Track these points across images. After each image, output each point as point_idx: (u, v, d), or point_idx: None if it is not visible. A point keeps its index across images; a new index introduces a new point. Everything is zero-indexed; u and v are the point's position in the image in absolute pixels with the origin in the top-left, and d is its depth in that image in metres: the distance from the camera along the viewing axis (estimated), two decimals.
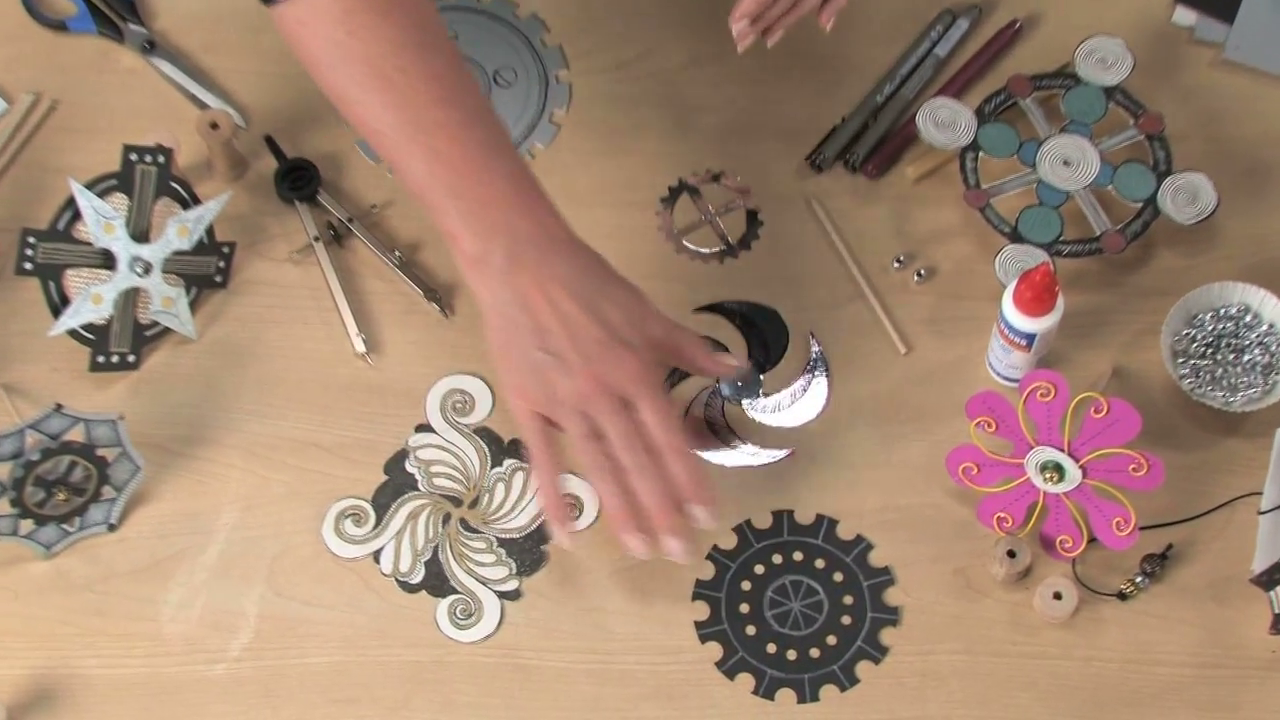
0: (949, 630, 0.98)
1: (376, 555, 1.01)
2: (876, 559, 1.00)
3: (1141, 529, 0.97)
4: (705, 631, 0.98)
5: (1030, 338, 1.00)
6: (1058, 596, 0.96)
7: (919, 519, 1.01)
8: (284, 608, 0.99)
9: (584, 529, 1.01)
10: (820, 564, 1.00)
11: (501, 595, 1.00)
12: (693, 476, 0.95)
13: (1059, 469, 0.97)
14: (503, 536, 1.02)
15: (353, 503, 1.02)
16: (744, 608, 0.99)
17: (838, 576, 0.99)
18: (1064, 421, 0.97)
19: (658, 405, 0.96)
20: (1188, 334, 1.04)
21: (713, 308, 1.08)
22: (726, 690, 0.97)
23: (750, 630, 0.98)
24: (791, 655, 0.98)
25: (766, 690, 0.97)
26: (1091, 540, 0.98)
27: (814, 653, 0.98)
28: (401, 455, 1.03)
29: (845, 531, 1.01)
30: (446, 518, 1.02)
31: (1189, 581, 0.99)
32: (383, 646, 0.98)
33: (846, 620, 0.98)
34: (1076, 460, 0.97)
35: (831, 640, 0.98)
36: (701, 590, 1.00)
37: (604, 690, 0.97)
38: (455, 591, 1.00)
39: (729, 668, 0.97)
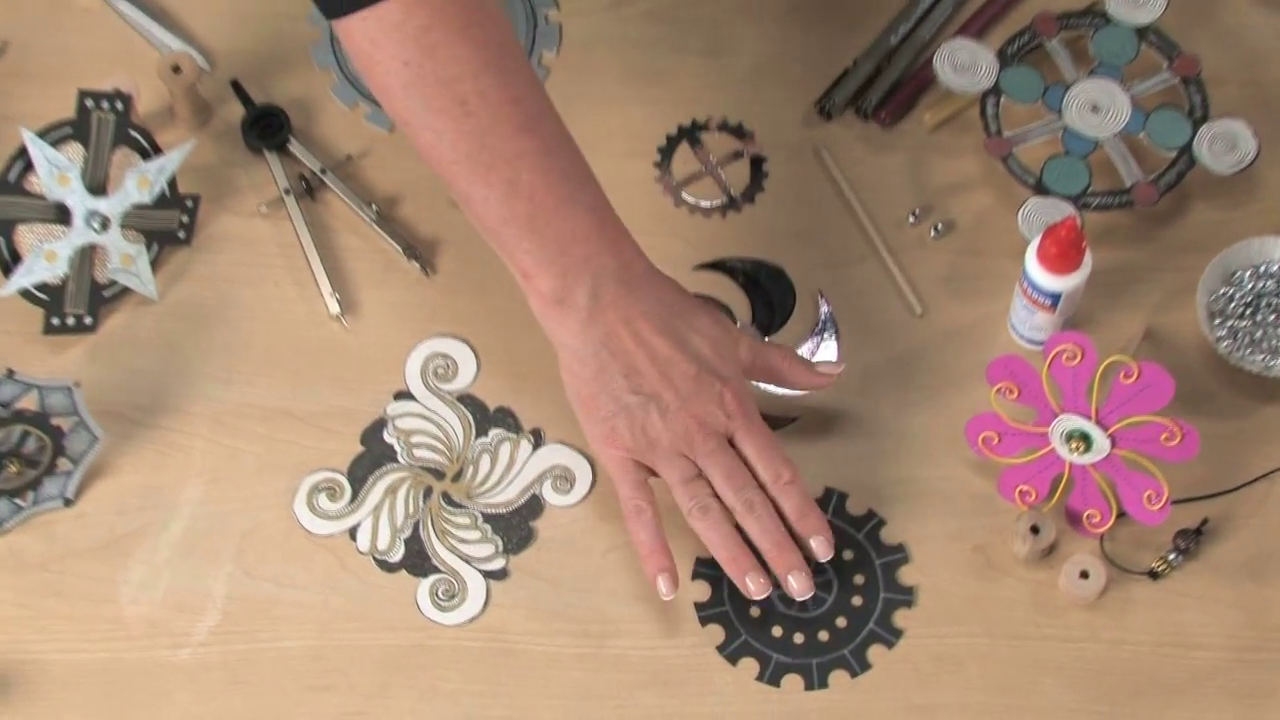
0: (967, 612, 0.96)
1: (353, 532, 0.99)
2: (889, 535, 0.97)
3: (1174, 502, 0.95)
4: (706, 614, 0.95)
5: (1055, 297, 0.98)
6: (1084, 575, 0.94)
7: (935, 493, 0.99)
8: (253, 588, 0.97)
9: (576, 503, 0.98)
10: (849, 555, 0.97)
11: (487, 575, 0.97)
12: (806, 507, 0.95)
13: (1086, 438, 0.95)
14: (488, 512, 0.99)
15: (327, 476, 1.00)
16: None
17: (847, 554, 0.96)
18: (1091, 387, 0.94)
19: (760, 437, 0.95)
20: (1225, 293, 1.02)
21: (714, 265, 1.06)
22: (728, 676, 0.94)
23: (754, 612, 0.95)
24: (799, 639, 0.94)
25: (771, 676, 0.94)
26: (1120, 515, 0.96)
27: (823, 636, 0.94)
28: (379, 425, 1.01)
29: (855, 506, 0.97)
30: (428, 492, 1.00)
31: (1225, 559, 0.97)
32: (360, 630, 0.96)
33: (857, 601, 0.95)
34: (1105, 429, 0.94)
35: (841, 622, 0.95)
36: (702, 570, 0.96)
37: (597, 677, 0.95)
38: (437, 571, 0.97)
39: (731, 652, 0.94)
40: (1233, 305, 1.02)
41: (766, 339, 1.02)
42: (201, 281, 1.05)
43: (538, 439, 1.01)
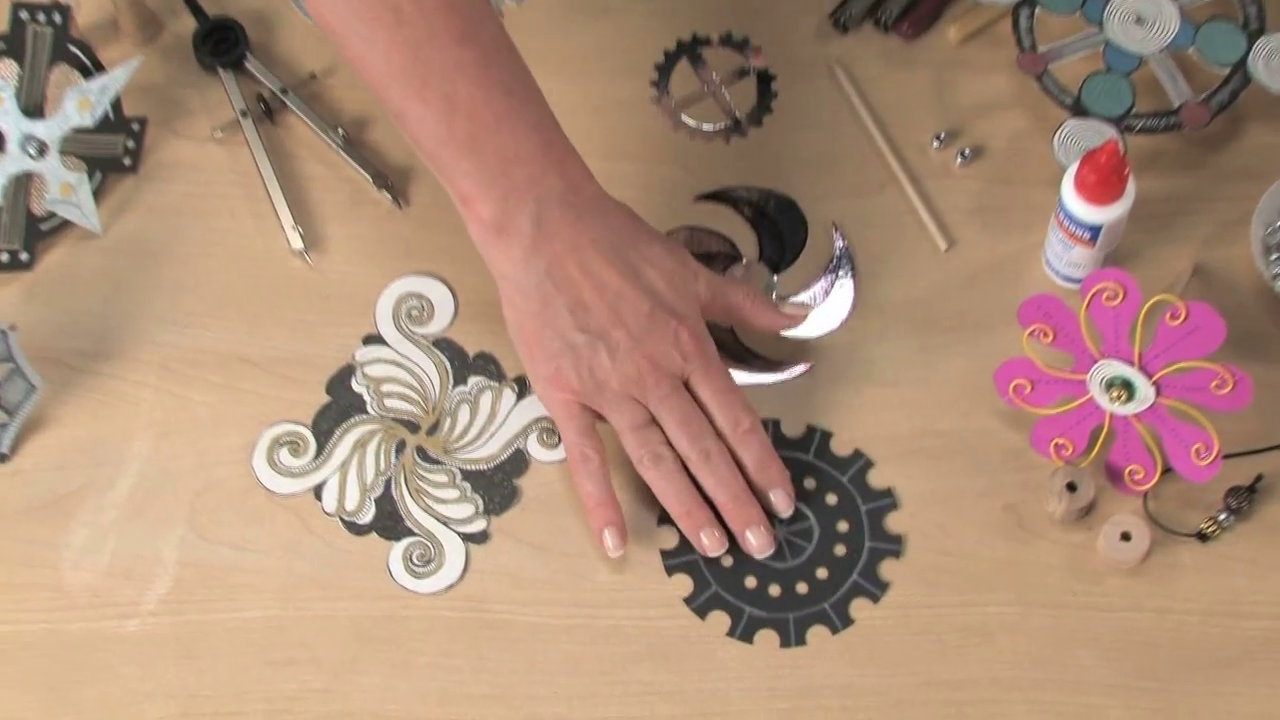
0: (997, 578, 0.93)
1: (318, 491, 0.96)
2: (877, 480, 0.94)
3: (1226, 457, 0.92)
4: (672, 563, 0.92)
5: (1095, 230, 0.95)
6: (1126, 538, 0.92)
7: (961, 446, 0.96)
8: (208, 553, 0.94)
9: (564, 458, 0.94)
10: (832, 500, 0.93)
11: (466, 538, 0.94)
12: (766, 458, 0.93)
13: (1128, 386, 0.92)
14: (467, 468, 0.96)
15: (289, 429, 0.97)
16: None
17: (830, 499, 0.94)
18: (1134, 330, 0.91)
19: (718, 381, 0.93)
20: None
21: (717, 195, 1.03)
22: (733, 650, 0.90)
23: (726, 562, 0.92)
24: (774, 591, 0.91)
25: (744, 632, 0.91)
26: (1166, 471, 0.93)
27: (801, 588, 0.92)
28: (347, 372, 0.98)
29: (840, 446, 0.95)
30: (401, 446, 0.97)
31: None
32: (326, 598, 0.93)
33: (840, 550, 0.93)
34: (1149, 376, 0.91)
35: (822, 573, 0.92)
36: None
37: (588, 649, 0.91)
38: (411, 533, 0.94)
39: (700, 605, 0.91)
40: None
41: (776, 277, 0.99)
42: (149, 213, 1.04)
43: (522, 388, 0.98)
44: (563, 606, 0.92)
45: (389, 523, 0.96)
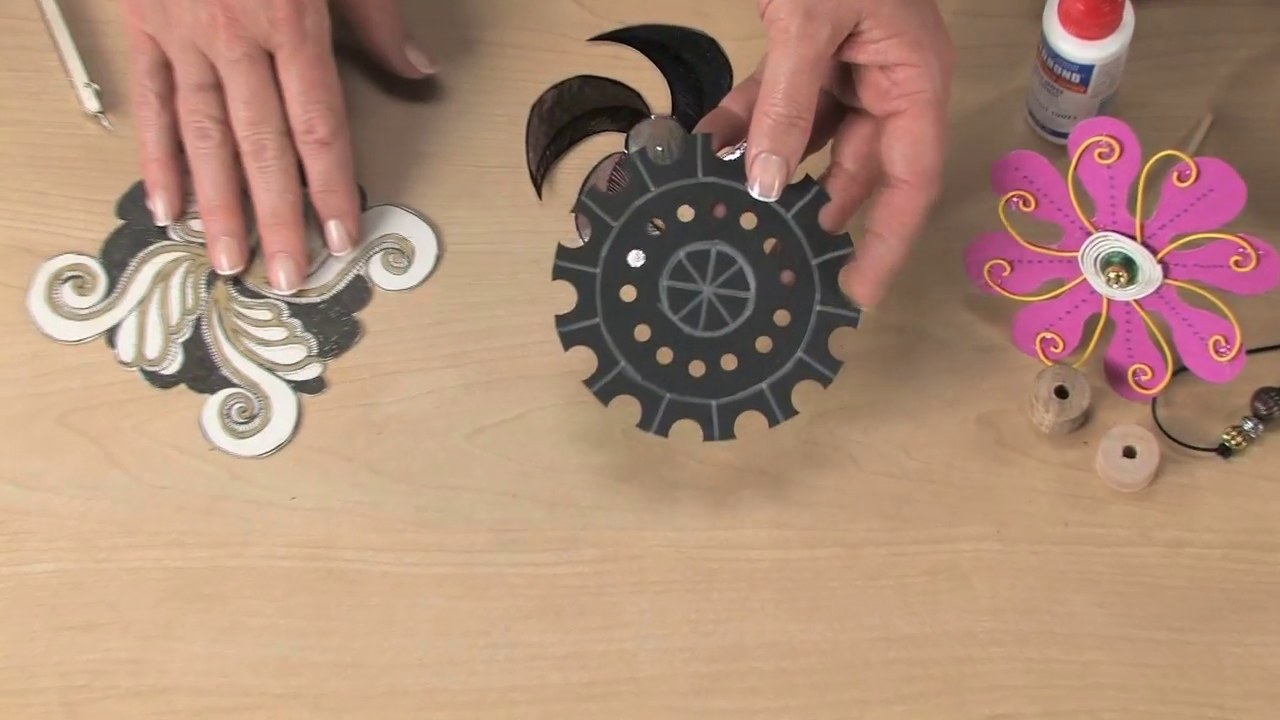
0: (971, 508, 0.89)
1: (111, 336, 0.92)
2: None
3: (1250, 352, 0.89)
4: (570, 329, 0.85)
5: (1086, 71, 0.91)
6: (1130, 454, 0.89)
7: (924, 344, 0.93)
8: None
9: (416, 285, 0.93)
10: (770, 244, 0.86)
11: (297, 386, 0.92)
12: (335, 182, 0.91)
13: (1128, 265, 0.88)
14: (296, 302, 0.94)
15: (73, 260, 0.94)
16: (628, 293, 0.86)
17: (768, 245, 0.86)
18: (1134, 194, 0.87)
19: (309, 70, 0.90)
20: None
21: (617, 35, 0.99)
22: (644, 602, 0.85)
23: (640, 332, 0.85)
24: (696, 369, 0.86)
25: (661, 423, 0.85)
26: (1179, 370, 0.90)
27: (728, 363, 0.85)
28: (142, 188, 0.95)
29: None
30: (212, 278, 0.94)
31: None
32: (134, 546, 0.87)
33: (782, 317, 0.86)
34: (1154, 251, 0.88)
35: (763, 345, 0.86)
36: (566, 264, 0.85)
37: (462, 605, 0.87)
38: (229, 384, 0.92)
39: (602, 388, 0.85)
40: None
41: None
42: None
43: (362, 200, 0.95)
44: (428, 552, 0.88)
45: (201, 371, 0.93)
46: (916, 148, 0.82)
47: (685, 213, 0.85)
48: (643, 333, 0.86)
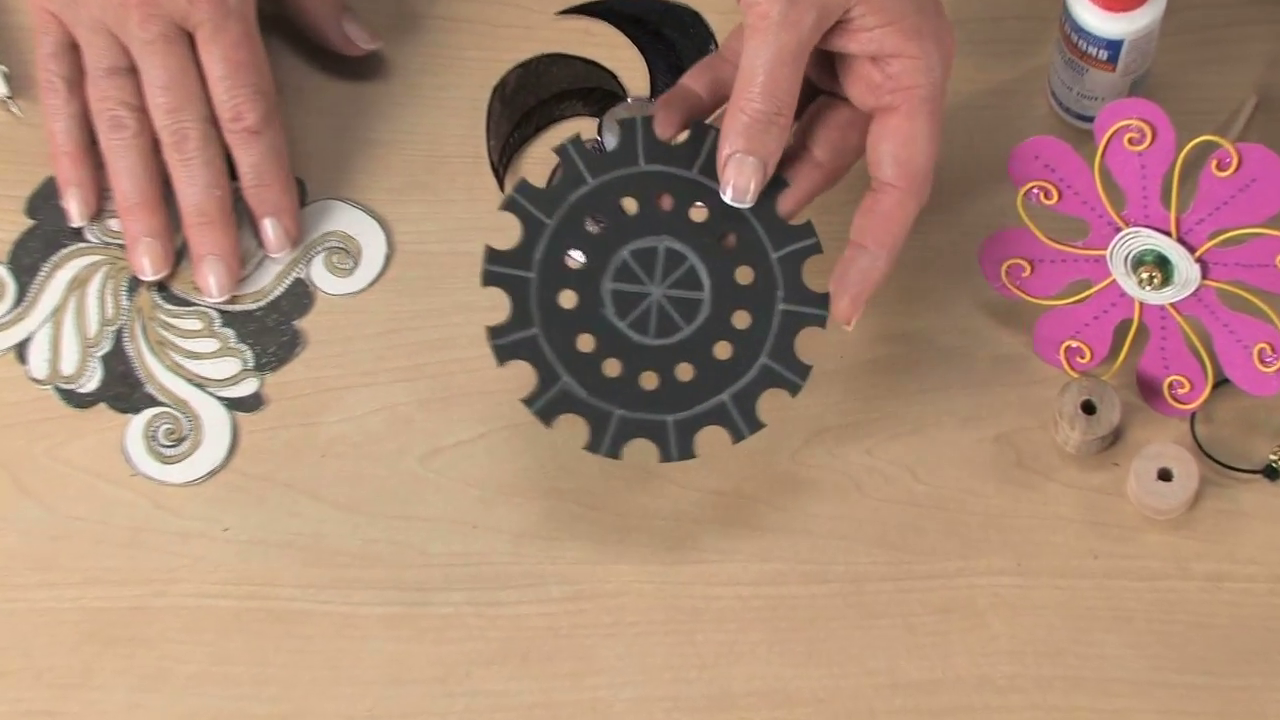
0: (988, 536, 0.86)
1: (21, 350, 0.90)
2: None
3: None
4: (504, 342, 0.81)
5: (1114, 47, 0.87)
6: (1166, 476, 0.85)
7: (936, 353, 0.90)
8: None
9: (362, 289, 0.90)
10: (729, 241, 0.85)
11: (231, 405, 0.89)
12: (268, 174, 0.89)
13: (1163, 264, 0.84)
14: (229, 309, 0.91)
15: None
16: (568, 299, 0.83)
17: (729, 240, 0.84)
18: (1169, 185, 0.83)
19: (234, 51, 0.87)
20: None
21: (588, 9, 0.96)
22: (620, 646, 0.80)
23: (583, 343, 0.82)
24: (649, 381, 0.82)
25: (611, 444, 0.82)
26: (1221, 383, 0.86)
27: (683, 373, 0.83)
28: (55, 186, 0.92)
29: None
30: (134, 284, 0.91)
31: None
32: (47, 585, 0.84)
33: (742, 319, 0.83)
34: (1191, 249, 0.84)
35: (721, 351, 0.83)
36: (499, 268, 0.82)
37: (415, 650, 0.83)
38: (155, 402, 0.89)
39: (544, 406, 0.82)
40: None
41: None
42: None
43: (301, 194, 0.92)
44: (378, 590, 0.85)
45: (122, 389, 0.90)
46: (909, 149, 0.78)
47: (629, 205, 0.81)
48: (586, 343, 0.83)
